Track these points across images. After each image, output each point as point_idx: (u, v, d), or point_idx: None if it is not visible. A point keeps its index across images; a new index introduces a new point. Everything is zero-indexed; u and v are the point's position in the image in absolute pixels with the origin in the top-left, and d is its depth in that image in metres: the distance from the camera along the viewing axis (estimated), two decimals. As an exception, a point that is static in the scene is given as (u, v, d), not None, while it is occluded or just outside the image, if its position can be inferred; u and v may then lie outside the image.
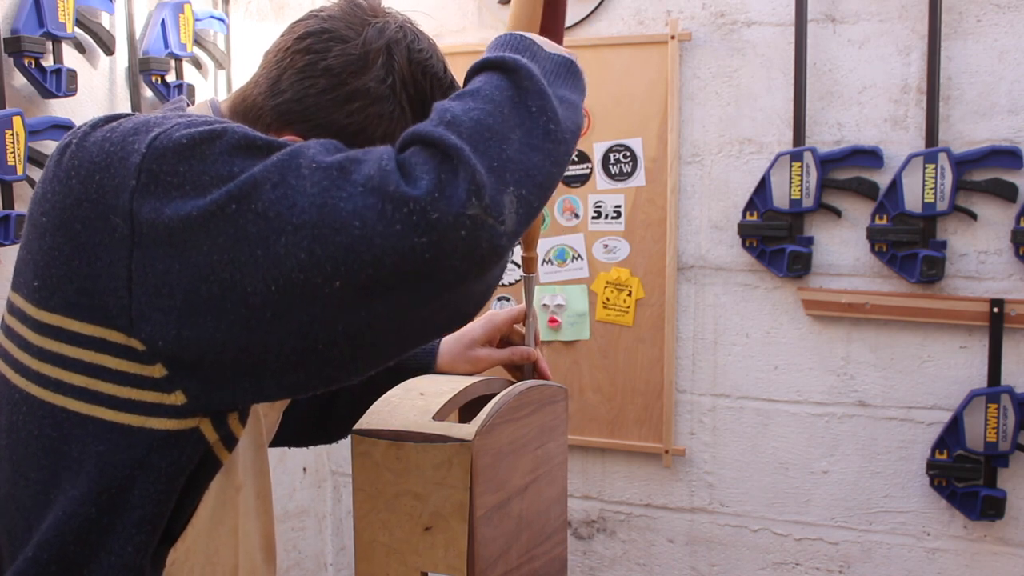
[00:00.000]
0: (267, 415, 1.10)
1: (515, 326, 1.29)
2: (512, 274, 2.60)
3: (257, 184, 0.78)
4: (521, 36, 0.94)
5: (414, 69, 0.96)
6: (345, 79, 0.94)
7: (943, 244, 2.18)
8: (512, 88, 0.85)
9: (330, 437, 1.33)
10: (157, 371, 0.85)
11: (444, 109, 0.83)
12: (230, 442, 0.91)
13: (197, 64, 2.31)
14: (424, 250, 0.76)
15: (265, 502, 1.06)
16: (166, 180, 0.80)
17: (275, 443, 1.28)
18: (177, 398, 0.86)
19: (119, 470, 0.86)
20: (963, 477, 2.19)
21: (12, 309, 0.91)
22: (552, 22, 1.08)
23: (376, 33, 0.95)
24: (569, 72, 0.94)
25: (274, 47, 0.98)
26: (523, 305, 1.26)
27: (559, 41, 1.09)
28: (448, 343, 1.26)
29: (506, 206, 0.80)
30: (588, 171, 2.49)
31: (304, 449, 2.79)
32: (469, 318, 0.89)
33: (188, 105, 1.01)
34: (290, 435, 1.29)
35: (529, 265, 1.24)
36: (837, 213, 2.27)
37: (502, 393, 1.07)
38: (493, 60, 0.87)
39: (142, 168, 0.80)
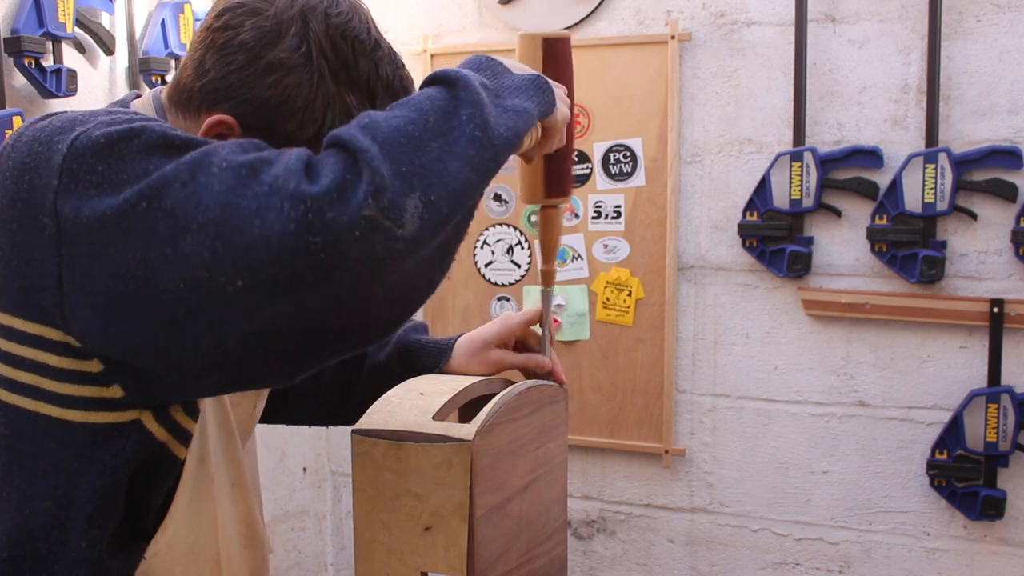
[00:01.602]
0: (239, 403, 1.11)
1: (532, 328, 1.29)
2: (512, 275, 2.60)
3: (167, 182, 0.78)
4: (488, 57, 0.94)
5: (332, 34, 0.94)
6: (260, 52, 0.93)
7: (943, 244, 2.18)
8: (447, 99, 0.85)
9: (349, 421, 1.35)
10: (94, 366, 0.86)
11: (366, 115, 0.83)
12: (181, 435, 0.92)
13: (197, 64, 2.31)
14: (318, 249, 0.75)
15: (241, 489, 1.06)
16: (85, 179, 0.80)
17: (296, 421, 1.31)
18: (115, 392, 0.87)
19: (67, 464, 0.87)
20: (963, 477, 2.19)
21: None
22: (554, 72, 1.07)
23: (288, 2, 0.94)
24: (533, 86, 0.93)
25: (199, 26, 0.98)
26: (539, 306, 1.26)
27: (568, 86, 1.08)
28: (463, 344, 1.26)
29: (408, 210, 0.79)
30: (588, 171, 2.49)
31: (304, 449, 2.79)
32: (388, 329, 0.87)
33: (138, 97, 1.02)
34: (309, 415, 1.31)
35: (547, 278, 1.23)
36: (837, 213, 2.27)
37: (502, 393, 1.07)
38: (439, 74, 0.88)
39: (63, 168, 0.81)
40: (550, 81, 0.97)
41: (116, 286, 0.79)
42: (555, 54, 1.08)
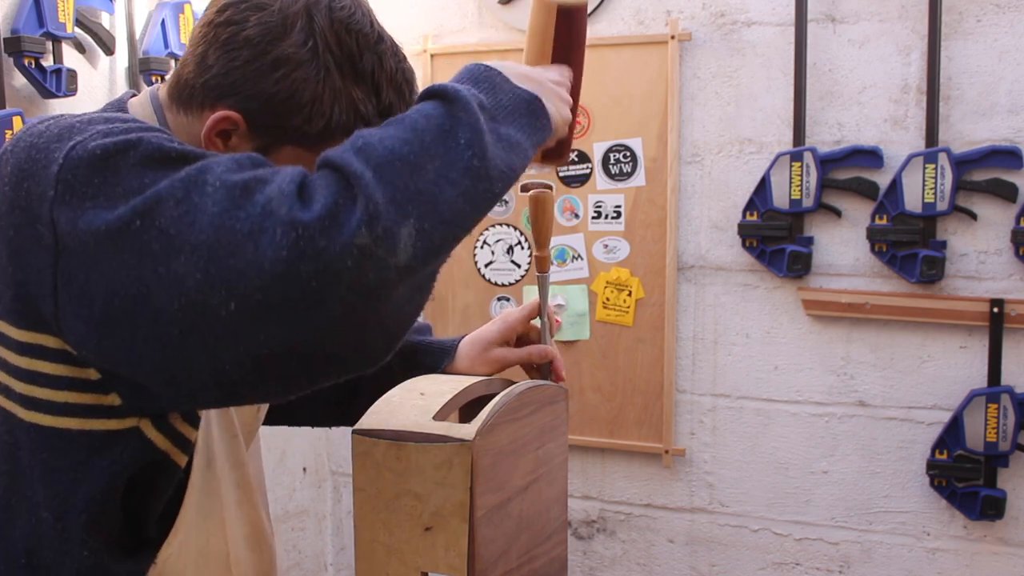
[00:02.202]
0: (243, 407, 1.10)
1: (532, 322, 1.29)
2: (512, 275, 2.60)
3: (161, 200, 0.77)
4: (486, 67, 0.92)
5: (337, 28, 0.94)
6: (266, 47, 0.92)
7: (943, 244, 2.18)
8: (444, 117, 0.83)
9: (352, 421, 1.35)
10: (92, 374, 0.85)
11: (360, 135, 0.82)
12: (182, 443, 0.92)
13: (197, 64, 2.31)
14: (310, 278, 0.75)
15: (246, 492, 1.06)
16: (81, 191, 0.80)
17: (299, 423, 1.31)
18: (113, 399, 0.87)
19: (63, 474, 0.87)
20: (963, 477, 2.19)
21: None
22: (566, 49, 1.05)
23: None
24: (528, 111, 0.91)
25: (199, 21, 0.97)
26: (536, 299, 1.26)
27: (577, 66, 1.06)
28: (466, 346, 1.26)
29: (402, 239, 0.78)
30: (588, 171, 2.49)
31: (304, 449, 2.79)
32: (382, 353, 0.86)
33: (134, 96, 1.01)
34: (313, 417, 1.31)
35: (542, 264, 1.23)
36: (837, 213, 2.27)
37: (503, 393, 1.07)
38: (437, 88, 0.86)
39: (59, 178, 0.80)
40: (544, 99, 0.94)
41: (111, 302, 0.79)
42: (568, 24, 1.05)
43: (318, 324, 0.77)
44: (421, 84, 1.00)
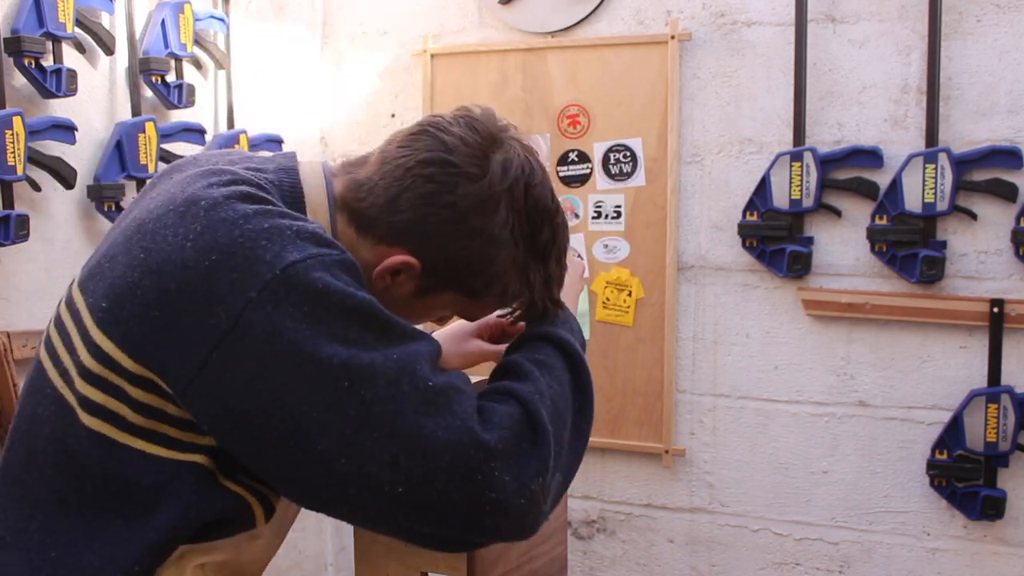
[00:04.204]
0: None
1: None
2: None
3: (375, 374, 0.83)
4: (579, 331, 1.07)
5: (530, 207, 0.98)
6: (469, 218, 0.95)
7: (943, 244, 2.18)
8: (579, 390, 0.99)
9: None
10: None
11: (535, 378, 0.94)
12: (266, 504, 0.93)
13: (197, 64, 2.30)
14: (487, 503, 0.85)
15: (273, 551, 1.06)
16: (287, 308, 0.83)
17: None
18: (209, 440, 0.88)
19: (144, 494, 0.87)
20: (963, 477, 2.19)
21: (70, 305, 0.92)
22: None
23: (501, 172, 0.96)
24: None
25: (393, 157, 0.97)
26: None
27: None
28: (440, 336, 1.26)
29: (552, 489, 0.90)
30: (588, 171, 2.49)
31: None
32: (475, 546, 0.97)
33: (294, 160, 1.00)
34: None
35: None
36: (837, 213, 2.27)
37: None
38: (576, 353, 1.01)
39: (269, 287, 0.83)
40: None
41: (273, 413, 0.82)
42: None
43: (467, 531, 0.88)
44: (421, 84, 1.01)
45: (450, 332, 1.25)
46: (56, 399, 0.90)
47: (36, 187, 1.82)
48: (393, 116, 2.66)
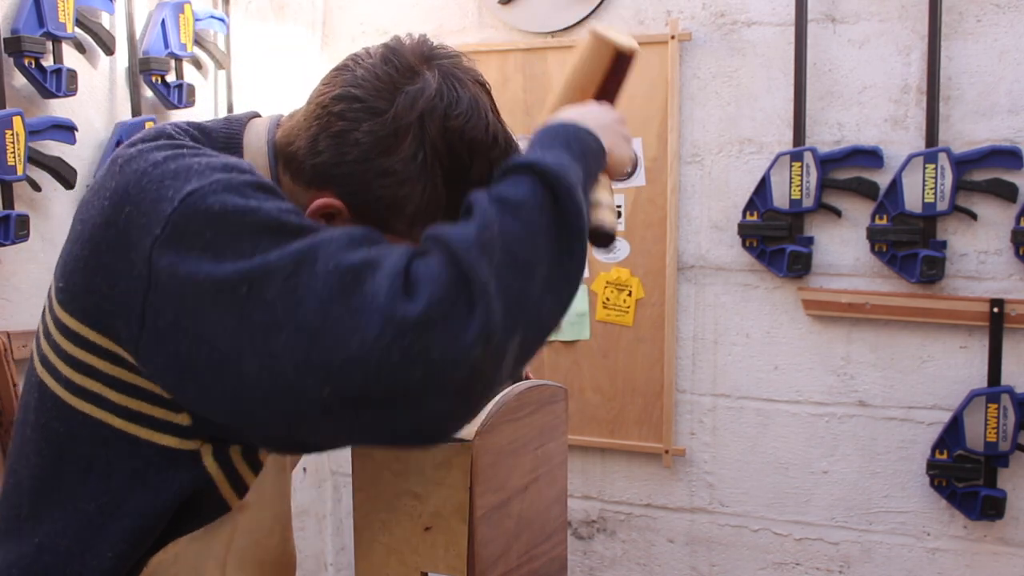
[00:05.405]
0: None
1: None
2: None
3: (271, 272, 0.77)
4: (586, 133, 0.90)
5: (449, 138, 0.91)
6: (374, 156, 0.90)
7: (943, 244, 2.18)
8: (559, 224, 0.82)
9: None
10: (166, 391, 0.87)
11: (485, 221, 0.79)
12: (237, 483, 0.93)
13: (197, 64, 2.30)
14: (418, 381, 0.75)
15: (283, 520, 1.05)
16: (189, 239, 0.80)
17: None
18: (183, 419, 0.88)
19: (120, 476, 0.88)
20: (963, 477, 2.19)
21: (49, 294, 0.94)
22: (611, 91, 1.04)
23: (408, 104, 0.90)
24: (600, 169, 0.92)
25: (315, 95, 0.94)
26: None
27: (617, 97, 1.06)
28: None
29: (509, 352, 0.78)
30: (588, 171, 2.48)
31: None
32: (456, 431, 0.87)
33: (255, 117, 0.99)
34: None
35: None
36: (837, 213, 2.27)
37: (502, 393, 1.07)
38: (552, 175, 0.83)
39: (170, 220, 0.81)
40: (616, 150, 0.95)
41: (200, 349, 0.79)
42: (620, 67, 1.03)
43: (414, 419, 0.78)
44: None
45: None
46: (37, 384, 0.91)
47: (36, 187, 1.82)
48: (393, 116, 2.66)
